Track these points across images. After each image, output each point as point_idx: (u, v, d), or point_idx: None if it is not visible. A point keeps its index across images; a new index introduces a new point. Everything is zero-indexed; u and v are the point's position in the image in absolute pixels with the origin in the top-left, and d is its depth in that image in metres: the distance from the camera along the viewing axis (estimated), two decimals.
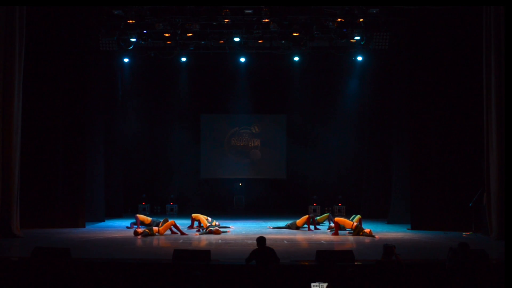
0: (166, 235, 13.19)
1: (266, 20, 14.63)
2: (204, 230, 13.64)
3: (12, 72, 12.75)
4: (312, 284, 7.37)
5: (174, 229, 13.38)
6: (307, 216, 14.62)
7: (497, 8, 12.55)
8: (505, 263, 7.70)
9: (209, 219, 14.30)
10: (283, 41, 16.12)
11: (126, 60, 17.83)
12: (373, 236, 12.89)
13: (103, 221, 16.22)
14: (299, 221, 14.46)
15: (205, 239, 12.59)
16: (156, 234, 13.04)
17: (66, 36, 14.60)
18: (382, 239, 12.51)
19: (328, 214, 15.45)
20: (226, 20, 14.60)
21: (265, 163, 20.11)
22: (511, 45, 11.56)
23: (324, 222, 15.37)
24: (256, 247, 8.55)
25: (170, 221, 13.46)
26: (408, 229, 14.39)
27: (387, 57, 16.85)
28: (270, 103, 20.02)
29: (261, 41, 16.13)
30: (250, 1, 13.94)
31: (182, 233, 13.27)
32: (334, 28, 14.93)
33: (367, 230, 13.18)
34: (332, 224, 14.06)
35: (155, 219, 14.62)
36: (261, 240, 8.53)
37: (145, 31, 15.42)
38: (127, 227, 14.65)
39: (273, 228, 14.79)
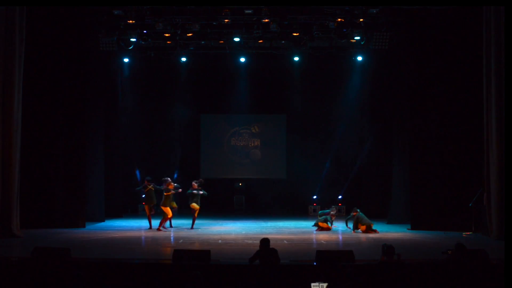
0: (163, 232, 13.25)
1: (266, 20, 14.63)
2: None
3: (12, 72, 12.74)
4: (312, 284, 7.36)
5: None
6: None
7: (497, 8, 12.54)
8: (505, 263, 7.69)
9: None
10: (283, 41, 16.14)
11: (126, 60, 17.83)
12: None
13: (103, 221, 16.22)
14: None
15: (205, 239, 12.59)
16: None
17: (66, 36, 14.59)
18: (382, 239, 12.51)
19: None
20: (226, 20, 14.60)
21: (265, 163, 20.12)
22: (511, 45, 11.54)
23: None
24: (258, 248, 8.48)
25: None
26: (408, 229, 14.39)
27: (387, 57, 16.85)
28: (270, 103, 20.03)
29: (261, 41, 16.16)
30: (250, 1, 13.94)
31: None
32: (334, 28, 14.94)
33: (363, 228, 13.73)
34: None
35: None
36: (264, 241, 8.45)
37: (145, 31, 15.44)
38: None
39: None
